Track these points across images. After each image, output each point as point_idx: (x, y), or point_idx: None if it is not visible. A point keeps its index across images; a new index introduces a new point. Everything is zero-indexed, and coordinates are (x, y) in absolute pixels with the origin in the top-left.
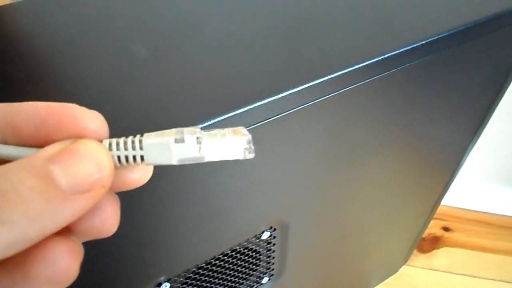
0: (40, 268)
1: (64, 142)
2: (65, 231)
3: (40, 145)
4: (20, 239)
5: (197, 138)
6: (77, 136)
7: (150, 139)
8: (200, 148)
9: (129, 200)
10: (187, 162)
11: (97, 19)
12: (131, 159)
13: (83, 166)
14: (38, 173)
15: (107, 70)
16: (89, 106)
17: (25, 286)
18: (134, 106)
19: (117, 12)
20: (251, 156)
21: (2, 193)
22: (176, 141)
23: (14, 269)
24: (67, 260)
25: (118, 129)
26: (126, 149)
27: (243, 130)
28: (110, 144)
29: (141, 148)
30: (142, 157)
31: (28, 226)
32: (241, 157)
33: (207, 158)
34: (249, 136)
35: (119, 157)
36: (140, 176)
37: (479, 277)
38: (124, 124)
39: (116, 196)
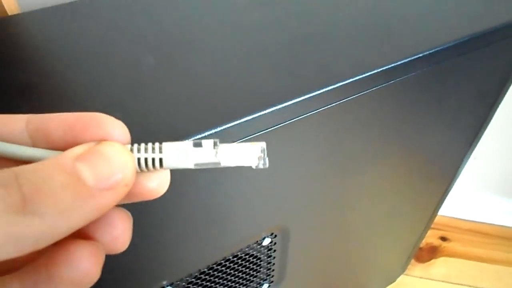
0: (63, 270)
1: (89, 143)
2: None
3: (68, 149)
4: (50, 231)
5: (214, 143)
6: (102, 140)
7: (169, 143)
8: (216, 153)
9: (132, 205)
10: (203, 167)
11: (105, 30)
12: (150, 162)
13: (107, 164)
14: (67, 170)
15: (116, 79)
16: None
17: (49, 286)
18: (143, 114)
19: (125, 24)
20: (263, 166)
21: (35, 187)
22: (194, 145)
23: (38, 270)
24: (89, 263)
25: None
26: (146, 152)
27: (258, 141)
28: (131, 150)
29: (160, 152)
30: (161, 161)
31: (58, 218)
32: (254, 163)
33: (223, 163)
34: (263, 144)
35: (139, 160)
36: (157, 185)
37: (476, 287)
38: (134, 131)
39: (129, 213)
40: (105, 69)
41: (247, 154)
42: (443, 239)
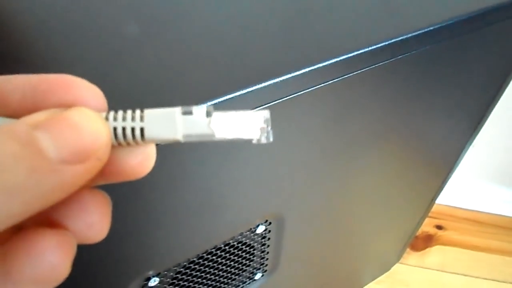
0: (23, 265)
1: (54, 110)
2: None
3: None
4: None
5: (207, 111)
6: (70, 106)
7: (153, 110)
8: (210, 122)
9: (116, 188)
10: (194, 139)
11: None
12: (129, 132)
13: (75, 133)
14: (21, 139)
15: (95, 48)
16: None
17: (6, 285)
18: (125, 86)
19: None
20: (267, 140)
21: None
22: (183, 112)
23: None
24: (56, 256)
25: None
26: (124, 120)
27: (260, 110)
28: (106, 117)
29: (141, 120)
30: (142, 132)
31: (9, 198)
32: (256, 137)
33: (218, 135)
34: (267, 113)
35: (115, 130)
36: (140, 161)
37: (471, 276)
38: (113, 104)
39: (107, 196)
40: (85, 36)
41: (247, 125)
42: (439, 227)
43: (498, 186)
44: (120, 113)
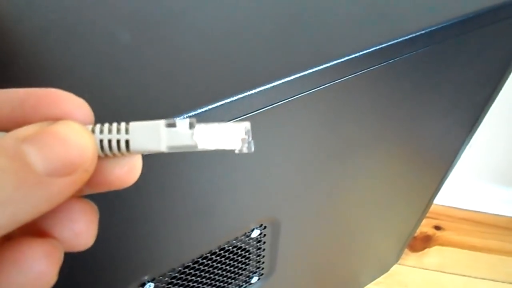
0: (11, 273)
1: (41, 123)
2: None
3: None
4: None
5: (190, 123)
6: (58, 120)
7: (138, 123)
8: (192, 134)
9: (110, 193)
10: (178, 150)
11: (76, 3)
12: (114, 144)
13: (62, 146)
14: (9, 153)
15: (87, 56)
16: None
17: None
18: (116, 94)
19: None
20: (248, 150)
21: None
22: (167, 125)
23: None
24: (43, 265)
25: (96, 119)
26: (110, 132)
27: (241, 121)
28: (93, 130)
29: (126, 132)
30: (127, 144)
31: None
32: (238, 147)
33: (201, 146)
34: (247, 124)
35: (101, 143)
36: (126, 171)
37: (470, 276)
38: (103, 114)
39: (93, 205)
40: (77, 44)
41: (229, 136)
42: (437, 228)
43: (496, 186)
44: (106, 125)
